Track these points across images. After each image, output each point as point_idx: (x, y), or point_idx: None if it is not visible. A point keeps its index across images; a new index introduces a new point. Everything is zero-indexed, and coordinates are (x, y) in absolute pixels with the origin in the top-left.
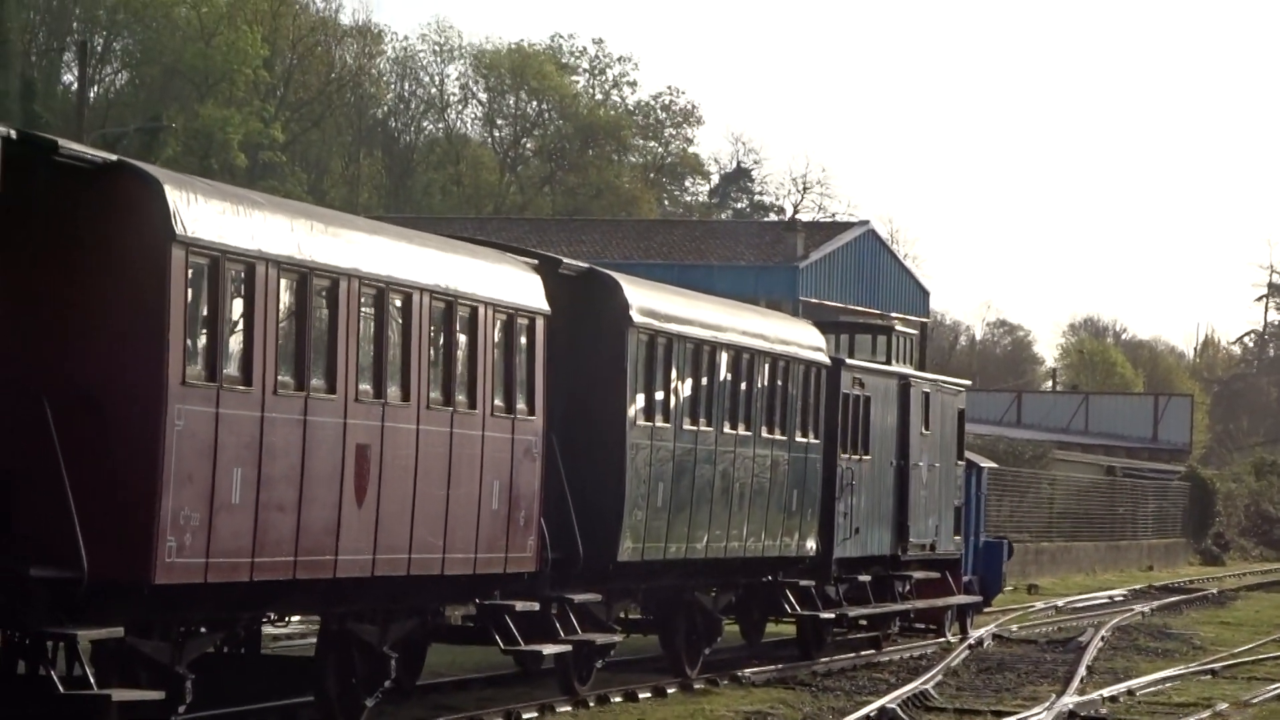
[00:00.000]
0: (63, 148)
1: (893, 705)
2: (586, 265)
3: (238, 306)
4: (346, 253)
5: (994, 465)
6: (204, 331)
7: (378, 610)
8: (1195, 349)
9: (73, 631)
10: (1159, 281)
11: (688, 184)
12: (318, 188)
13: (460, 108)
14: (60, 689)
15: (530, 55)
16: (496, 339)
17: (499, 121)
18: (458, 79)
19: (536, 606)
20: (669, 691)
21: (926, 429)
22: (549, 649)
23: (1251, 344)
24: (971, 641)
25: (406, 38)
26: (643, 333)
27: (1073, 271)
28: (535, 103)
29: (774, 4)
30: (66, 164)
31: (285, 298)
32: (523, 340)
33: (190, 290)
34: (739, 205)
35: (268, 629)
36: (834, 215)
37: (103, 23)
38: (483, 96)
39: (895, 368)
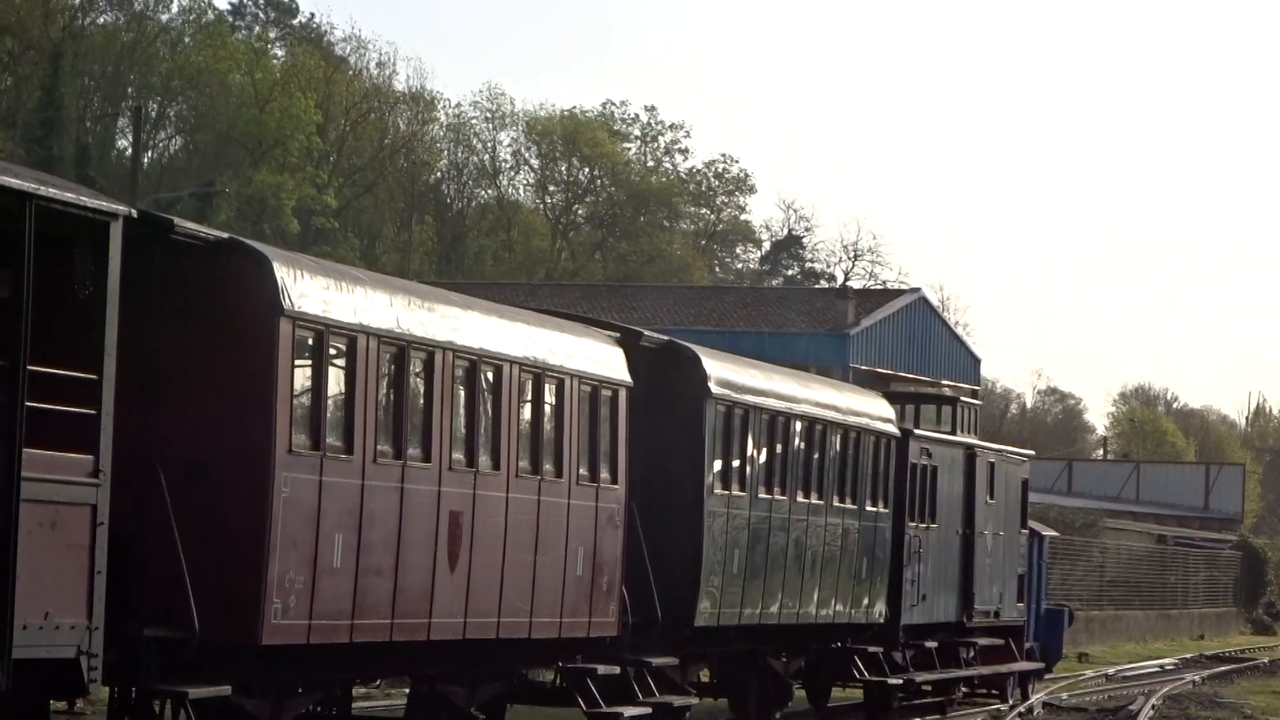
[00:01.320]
0: (178, 226)
1: None
2: (667, 338)
3: (339, 378)
4: (441, 326)
5: (1055, 534)
6: (309, 402)
7: (465, 672)
8: (1247, 418)
9: (183, 690)
10: (1210, 350)
11: (739, 251)
12: (370, 253)
13: (512, 174)
14: None
15: (583, 122)
16: (582, 410)
17: (550, 188)
18: (510, 145)
19: (618, 670)
20: None
21: (991, 498)
22: (630, 711)
23: None
24: (1021, 710)
25: (459, 104)
26: (720, 403)
27: (1124, 339)
28: (587, 169)
29: (826, 73)
30: (181, 241)
31: (384, 369)
32: (606, 411)
33: (296, 362)
34: (790, 272)
35: (357, 689)
36: (885, 283)
37: (157, 89)
38: (535, 163)
39: (961, 438)
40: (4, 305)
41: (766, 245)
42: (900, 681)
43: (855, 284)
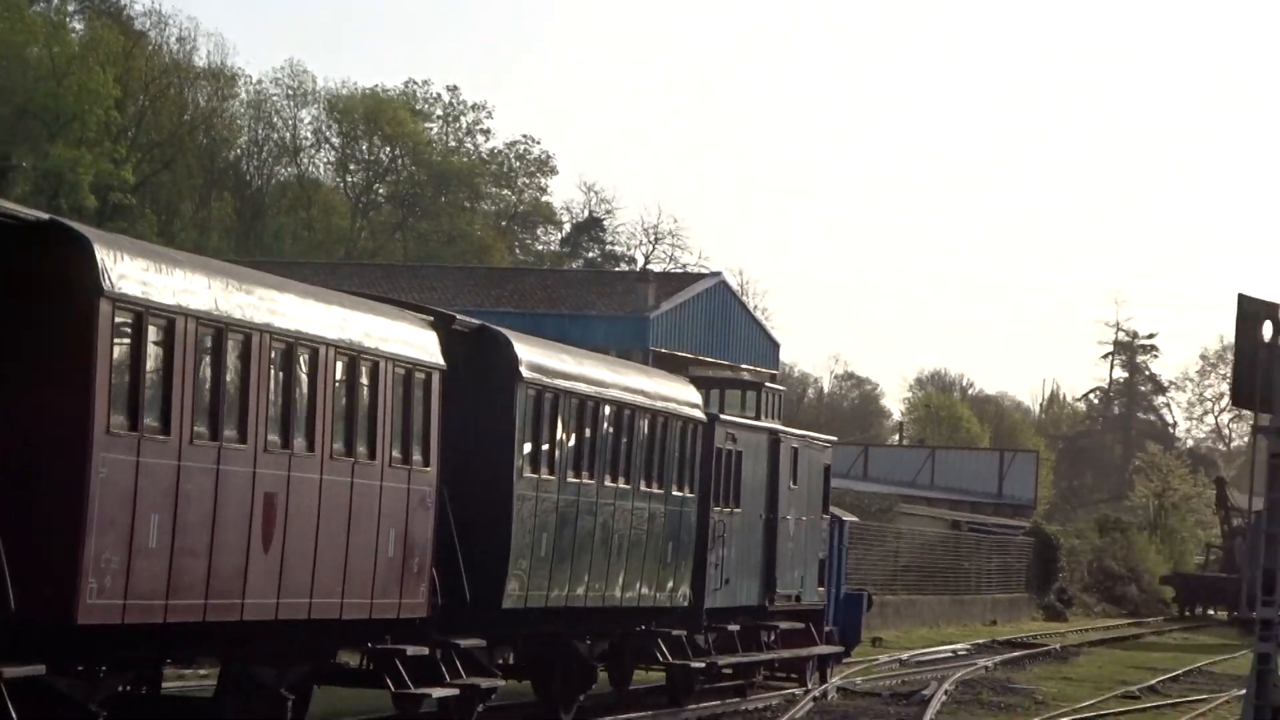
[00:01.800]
0: None
1: None
2: (479, 323)
3: (158, 359)
4: (259, 309)
5: (856, 520)
6: (127, 383)
7: (276, 652)
8: (1041, 405)
9: None
10: (1005, 337)
11: (540, 233)
12: (168, 229)
13: (313, 152)
14: None
15: (384, 101)
16: (396, 392)
17: (351, 166)
18: (311, 123)
19: (426, 651)
20: None
21: (794, 483)
22: (438, 692)
23: (1096, 401)
24: (816, 694)
25: (260, 81)
26: (531, 388)
27: (920, 326)
28: (388, 148)
29: (628, 55)
30: (2, 223)
31: (202, 351)
32: (419, 393)
33: (115, 343)
34: (590, 255)
35: (169, 669)
36: (685, 266)
37: None
38: (336, 141)
39: (766, 423)
40: None
41: (567, 227)
42: (703, 664)
43: (655, 267)
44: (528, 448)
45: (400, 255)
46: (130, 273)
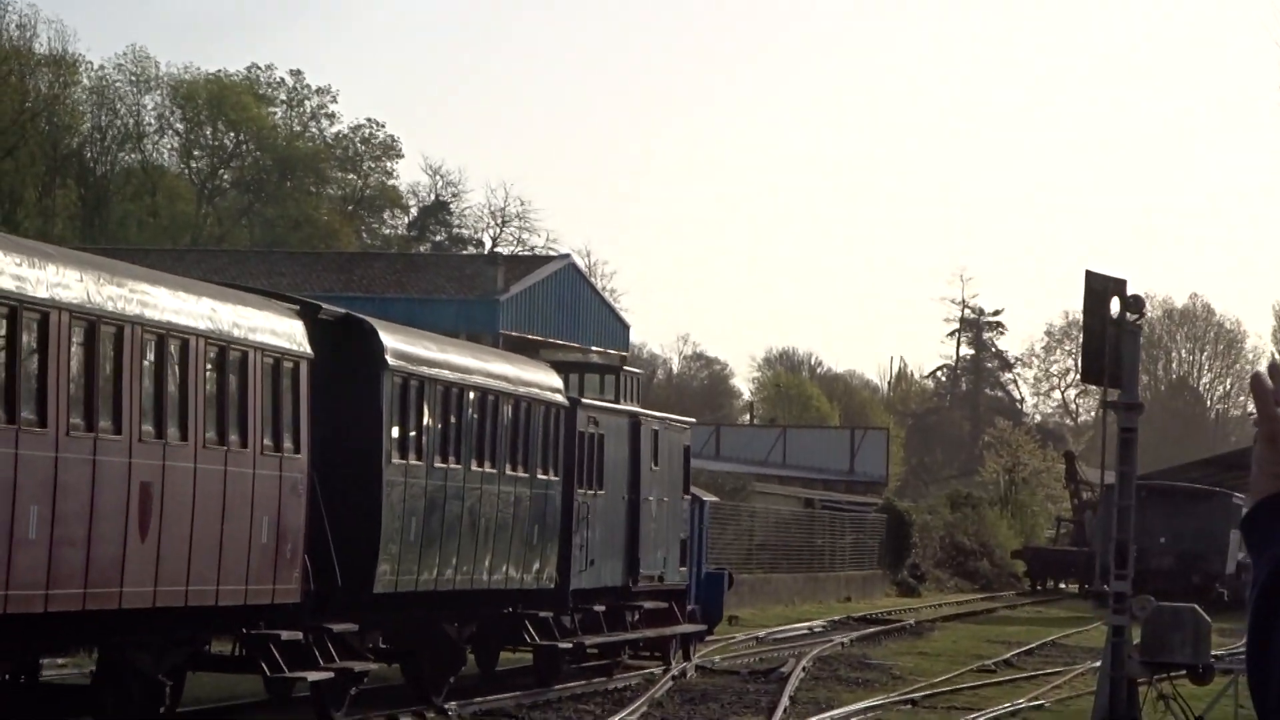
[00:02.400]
0: None
1: None
2: (344, 311)
3: (33, 352)
4: (131, 301)
5: (717, 500)
6: (3, 376)
7: (153, 640)
8: (889, 382)
9: None
10: (852, 315)
11: (386, 217)
12: (11, 218)
13: (157, 138)
14: None
15: (228, 86)
16: (266, 381)
17: (196, 152)
18: (154, 109)
19: (300, 636)
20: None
21: (656, 465)
22: (312, 676)
23: (944, 378)
24: (675, 673)
25: (103, 66)
26: (397, 375)
27: (768, 305)
28: (233, 134)
29: (473, 37)
30: None
31: (76, 344)
32: (288, 382)
33: None
34: (438, 238)
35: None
36: (533, 249)
37: None
38: (180, 127)
39: (626, 406)
40: None
41: (414, 211)
42: (570, 645)
43: (504, 250)
44: (395, 434)
45: (247, 241)
46: (4, 267)
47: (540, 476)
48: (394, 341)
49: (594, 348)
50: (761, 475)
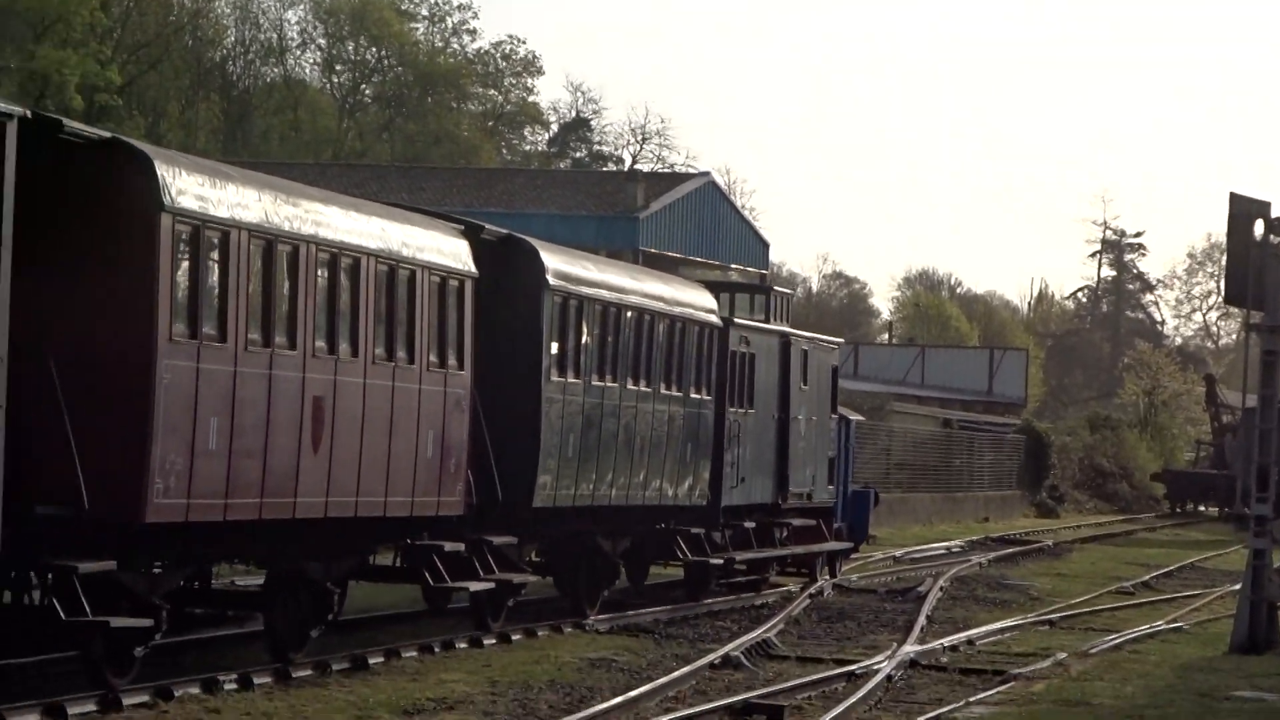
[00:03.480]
0: (67, 126)
1: (736, 653)
2: (506, 231)
3: (214, 270)
4: (306, 220)
5: (862, 419)
6: (187, 293)
7: (323, 549)
8: (1029, 303)
9: (73, 564)
10: (994, 236)
11: (526, 133)
12: (154, 131)
13: (299, 53)
14: (63, 616)
15: (370, 1)
16: (432, 299)
17: (338, 67)
18: (297, 23)
19: (462, 547)
20: (539, 634)
21: (805, 384)
22: (474, 586)
23: (1084, 299)
24: (812, 591)
25: None
26: (557, 294)
27: (909, 225)
28: (375, 49)
29: None
30: (68, 140)
31: (255, 262)
32: (454, 300)
33: (175, 256)
34: (578, 155)
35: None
36: (673, 166)
37: None
38: (322, 42)
39: (776, 326)
40: None
41: (554, 128)
42: (720, 561)
43: (643, 167)
44: (554, 352)
45: (388, 156)
46: (188, 188)
47: (694, 395)
48: (554, 262)
49: (733, 265)
50: (900, 395)
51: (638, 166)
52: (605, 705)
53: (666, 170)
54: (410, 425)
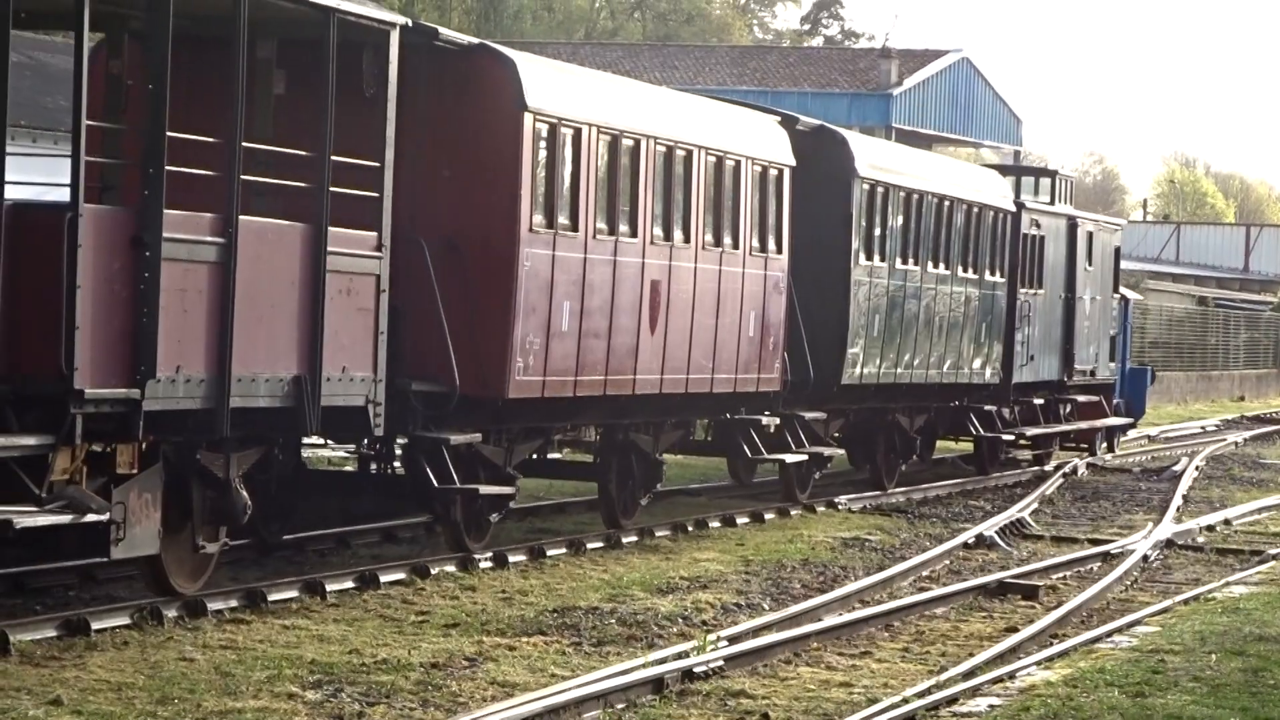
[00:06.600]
0: (441, 34)
1: (990, 533)
2: (818, 122)
3: (568, 165)
4: (644, 117)
5: (1140, 298)
6: (544, 186)
7: (652, 423)
8: None
9: (445, 436)
10: (1249, 116)
11: (779, 10)
12: (409, 10)
13: None
14: (435, 483)
15: None
16: (754, 188)
17: None
18: None
19: (777, 421)
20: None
21: (1090, 265)
22: (789, 458)
23: None
24: (1066, 470)
25: None
26: (865, 183)
27: (1165, 107)
28: None
29: None
30: (442, 47)
31: (601, 157)
32: (773, 189)
33: (535, 152)
34: (829, 32)
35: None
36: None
37: None
38: None
39: (1063, 208)
40: (281, 101)
41: (807, 5)
42: (1012, 436)
43: (897, 45)
44: (862, 237)
45: (639, 35)
46: (545, 89)
47: (988, 278)
48: (863, 151)
49: (986, 142)
50: (1154, 273)
51: (890, 44)
52: (859, 585)
53: (920, 48)
54: (735, 307)
